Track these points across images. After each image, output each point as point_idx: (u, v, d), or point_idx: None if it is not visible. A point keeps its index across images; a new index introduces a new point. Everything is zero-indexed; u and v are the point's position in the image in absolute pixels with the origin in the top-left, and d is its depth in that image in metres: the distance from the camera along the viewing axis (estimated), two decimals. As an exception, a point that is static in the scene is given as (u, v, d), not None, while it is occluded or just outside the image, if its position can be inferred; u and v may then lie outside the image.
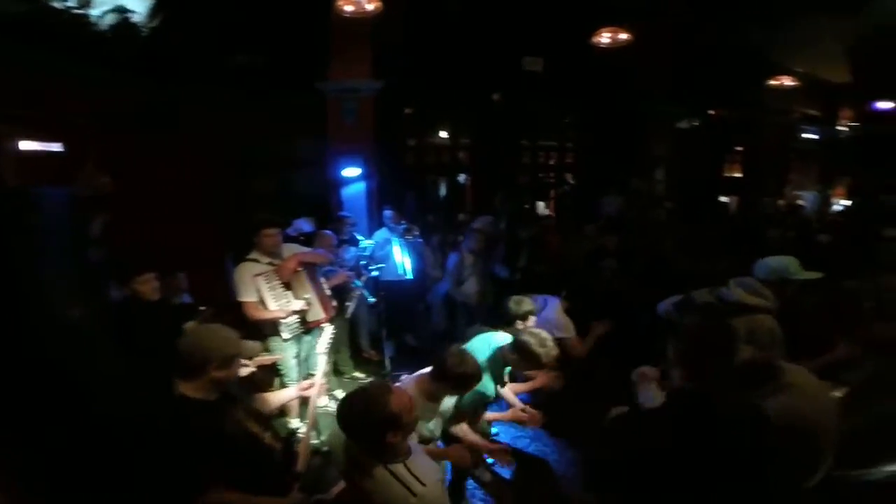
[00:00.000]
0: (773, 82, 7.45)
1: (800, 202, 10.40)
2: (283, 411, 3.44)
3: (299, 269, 3.18)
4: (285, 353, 3.24)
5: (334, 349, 4.48)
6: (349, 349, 4.75)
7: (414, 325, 5.35)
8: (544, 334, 2.58)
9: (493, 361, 2.65)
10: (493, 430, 3.32)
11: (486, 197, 7.90)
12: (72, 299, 2.62)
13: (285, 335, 3.18)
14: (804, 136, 10.55)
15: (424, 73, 6.76)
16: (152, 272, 2.70)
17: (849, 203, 9.96)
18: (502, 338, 2.78)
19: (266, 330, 3.23)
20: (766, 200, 9.70)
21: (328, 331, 2.61)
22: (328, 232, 4.17)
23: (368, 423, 1.57)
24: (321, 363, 2.45)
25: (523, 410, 2.91)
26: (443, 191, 8.90)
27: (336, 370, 4.65)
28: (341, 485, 1.91)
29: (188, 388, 1.70)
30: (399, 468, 1.62)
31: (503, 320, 3.15)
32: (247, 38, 5.30)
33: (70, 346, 2.34)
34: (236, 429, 1.74)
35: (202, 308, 3.30)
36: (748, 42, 7.24)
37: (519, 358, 2.58)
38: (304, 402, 3.57)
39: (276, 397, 2.31)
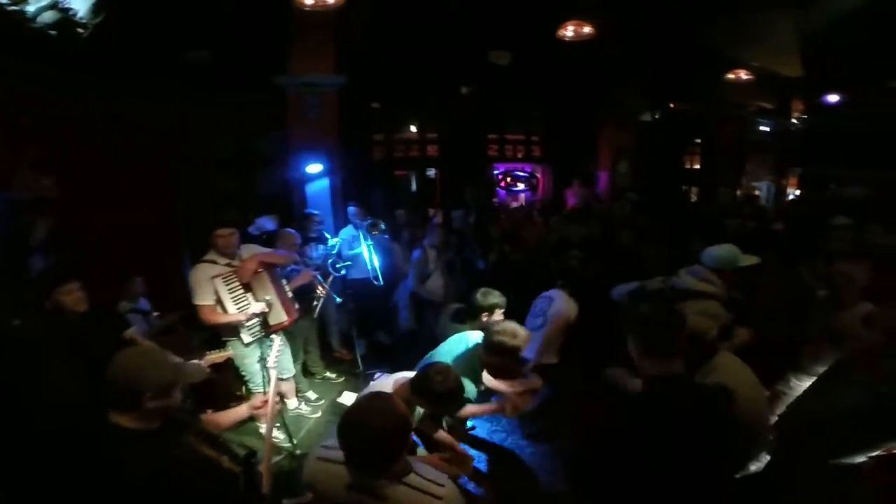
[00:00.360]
0: (730, 76, 7.68)
1: (756, 192, 10.89)
2: (252, 417, 3.34)
3: (260, 270, 3.05)
4: (248, 357, 3.11)
5: (304, 350, 4.42)
6: (319, 349, 4.64)
7: (386, 322, 5.28)
8: (512, 325, 2.52)
9: (471, 360, 2.58)
10: (469, 423, 3.29)
11: (455, 191, 7.89)
12: (10, 310, 2.44)
13: (246, 339, 3.06)
14: (760, 128, 10.97)
15: (391, 67, 6.65)
16: (76, 281, 2.39)
17: (799, 192, 10.48)
18: (476, 336, 2.70)
19: (226, 334, 3.09)
20: (724, 191, 10.10)
21: (276, 344, 2.54)
22: (291, 230, 4.02)
23: (389, 436, 1.45)
24: (272, 378, 2.36)
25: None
26: (412, 185, 8.84)
27: (306, 371, 4.55)
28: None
29: (123, 419, 1.52)
30: (413, 478, 1.51)
31: (469, 313, 3.07)
32: (200, 33, 5.06)
33: (6, 361, 2.17)
34: (188, 456, 1.60)
35: (156, 313, 3.13)
36: (706, 37, 7.42)
37: (499, 359, 2.48)
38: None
39: (227, 417, 2.18)
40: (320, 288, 3.96)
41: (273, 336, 3.00)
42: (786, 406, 2.87)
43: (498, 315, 3.00)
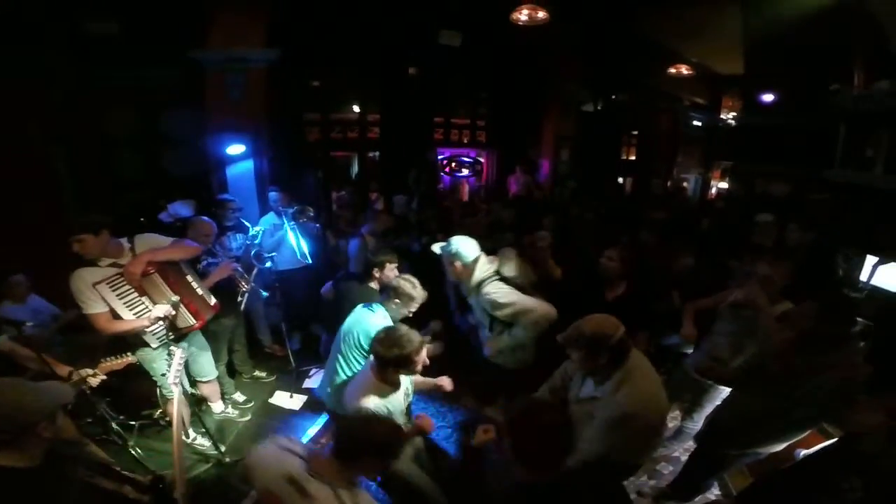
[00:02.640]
0: (671, 70, 7.83)
1: (684, 184, 11.51)
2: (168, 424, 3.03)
3: (151, 270, 2.60)
4: (156, 362, 2.77)
5: (229, 348, 4.06)
6: (246, 347, 4.29)
7: (319, 313, 4.98)
8: (414, 279, 2.74)
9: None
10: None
11: (397, 175, 7.60)
12: None
13: (153, 344, 2.70)
14: (693, 122, 11.49)
15: (331, 42, 6.16)
16: None
17: (724, 185, 11.18)
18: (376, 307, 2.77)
19: (130, 339, 2.71)
20: (656, 182, 10.56)
21: (177, 358, 2.29)
22: (205, 219, 3.57)
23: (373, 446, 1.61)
24: (175, 394, 2.15)
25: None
26: (353, 168, 8.43)
27: (233, 371, 4.21)
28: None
29: (5, 457, 1.37)
30: (345, 495, 1.56)
31: (364, 272, 3.26)
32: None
33: None
34: (84, 493, 1.48)
35: (30, 324, 2.66)
36: (648, 28, 7.50)
37: (400, 301, 2.67)
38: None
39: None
40: (243, 283, 3.58)
41: (174, 346, 2.62)
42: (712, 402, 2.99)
43: (390, 270, 3.18)
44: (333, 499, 1.53)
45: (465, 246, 2.92)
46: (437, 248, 3.09)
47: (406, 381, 2.44)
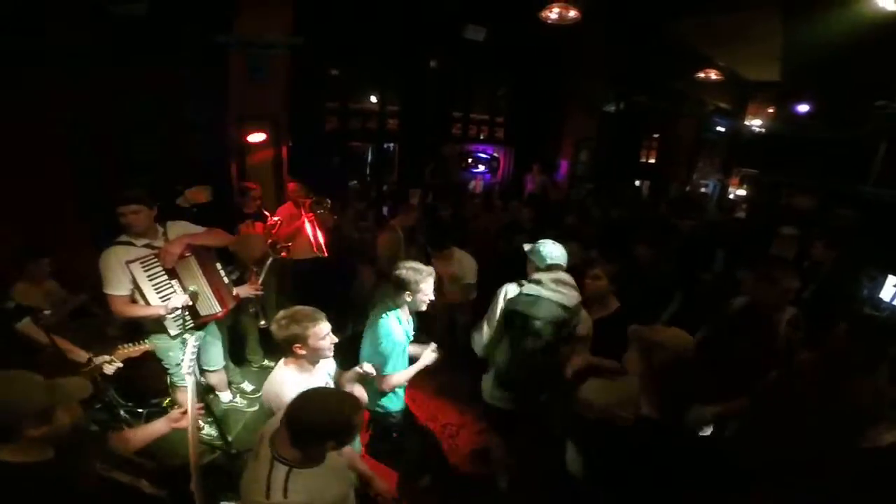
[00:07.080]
0: (700, 75, 7.66)
1: (702, 190, 11.34)
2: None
3: (188, 254, 2.63)
4: (173, 350, 2.76)
5: (242, 335, 4.07)
6: (258, 334, 4.30)
7: (333, 304, 4.97)
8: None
9: None
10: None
11: (413, 168, 7.58)
12: None
13: (173, 331, 2.68)
14: (717, 128, 11.28)
15: (355, 31, 6.11)
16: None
17: (742, 193, 10.98)
18: None
19: (148, 326, 2.70)
20: (676, 186, 10.41)
21: (190, 346, 2.19)
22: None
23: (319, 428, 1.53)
24: (189, 385, 2.08)
25: None
26: (367, 158, 8.42)
27: (243, 360, 4.23)
28: None
29: (4, 452, 1.31)
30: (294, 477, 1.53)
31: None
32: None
33: None
34: (97, 486, 1.42)
35: (47, 312, 2.62)
36: (681, 31, 7.33)
37: (410, 290, 2.51)
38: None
39: (141, 434, 1.91)
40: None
41: (189, 335, 2.61)
42: None
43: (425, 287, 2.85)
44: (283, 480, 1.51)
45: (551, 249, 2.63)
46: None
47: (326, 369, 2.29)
